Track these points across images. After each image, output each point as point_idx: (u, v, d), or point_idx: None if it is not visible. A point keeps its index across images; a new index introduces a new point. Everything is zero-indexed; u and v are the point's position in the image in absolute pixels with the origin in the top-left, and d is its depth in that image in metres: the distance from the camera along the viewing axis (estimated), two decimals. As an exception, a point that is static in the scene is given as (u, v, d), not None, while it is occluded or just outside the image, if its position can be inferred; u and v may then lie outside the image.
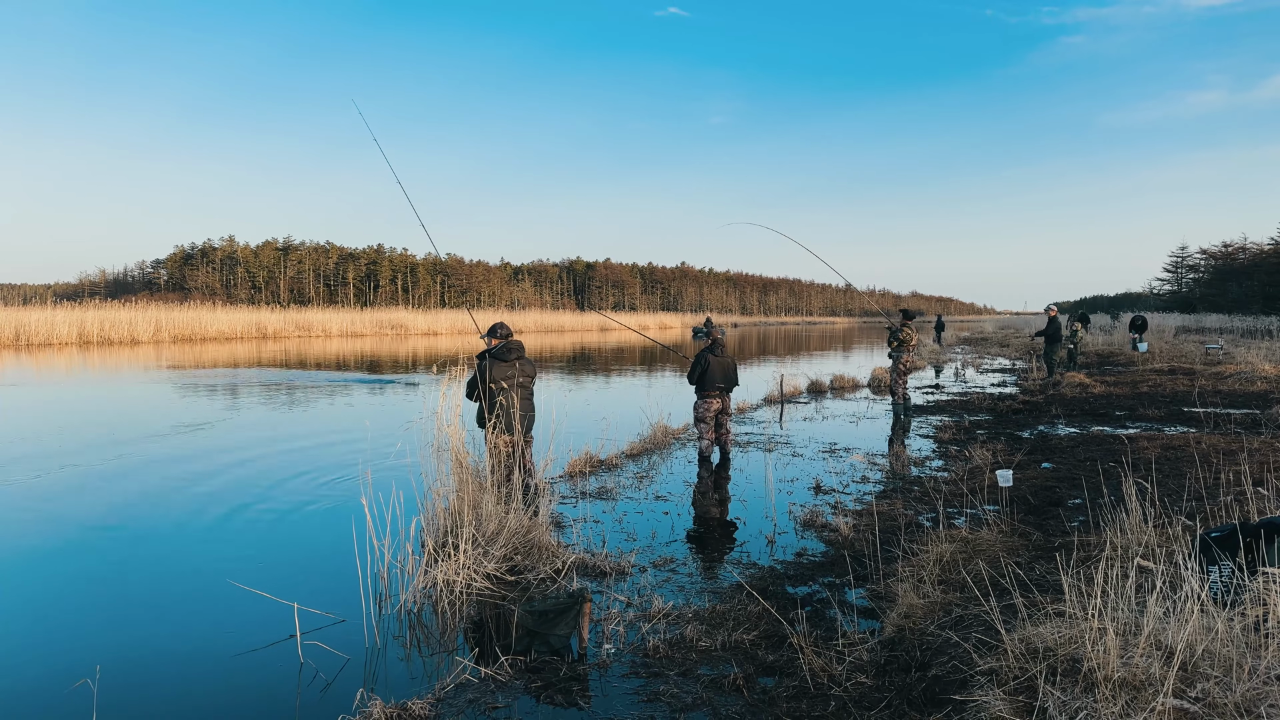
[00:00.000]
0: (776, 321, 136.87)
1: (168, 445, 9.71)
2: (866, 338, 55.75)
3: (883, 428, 11.30)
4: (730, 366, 8.91)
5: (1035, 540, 5.16)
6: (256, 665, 3.83)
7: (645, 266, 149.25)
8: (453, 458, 5.50)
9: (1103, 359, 23.09)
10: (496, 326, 6.54)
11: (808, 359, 29.65)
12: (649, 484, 7.69)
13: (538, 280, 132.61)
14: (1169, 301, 70.44)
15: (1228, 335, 31.85)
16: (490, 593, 4.63)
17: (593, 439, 9.01)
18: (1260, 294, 54.13)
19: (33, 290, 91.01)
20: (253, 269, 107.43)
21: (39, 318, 32.56)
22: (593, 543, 5.63)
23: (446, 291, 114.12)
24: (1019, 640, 3.06)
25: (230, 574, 5.03)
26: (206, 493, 7.28)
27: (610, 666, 3.71)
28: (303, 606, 4.23)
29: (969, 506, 6.35)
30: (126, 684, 3.64)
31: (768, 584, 4.80)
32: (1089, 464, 7.93)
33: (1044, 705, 2.68)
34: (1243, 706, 2.52)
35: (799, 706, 3.28)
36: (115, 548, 5.67)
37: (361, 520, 4.66)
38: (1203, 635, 2.80)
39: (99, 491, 7.32)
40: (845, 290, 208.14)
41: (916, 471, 8.14)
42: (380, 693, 3.43)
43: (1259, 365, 16.88)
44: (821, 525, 6.08)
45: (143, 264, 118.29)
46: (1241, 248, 63.33)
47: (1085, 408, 12.53)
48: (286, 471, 8.22)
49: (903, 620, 3.88)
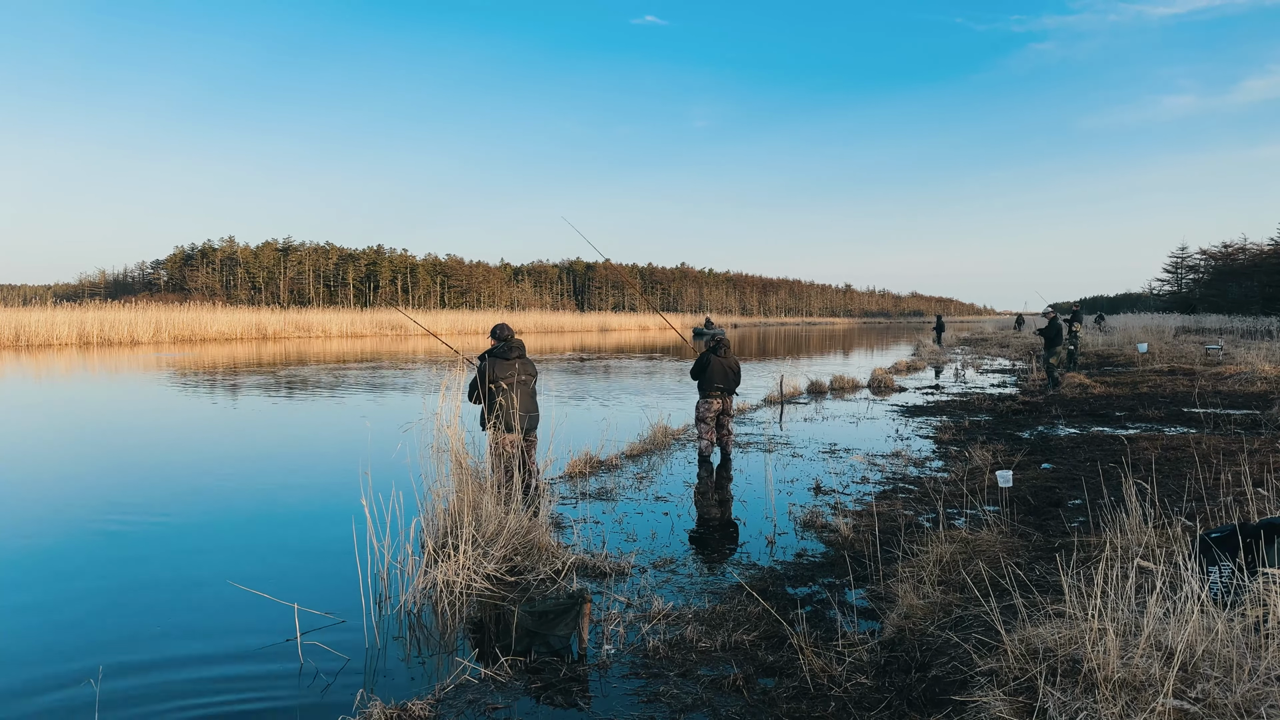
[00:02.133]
0: (776, 322, 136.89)
1: (167, 445, 9.71)
2: (866, 338, 55.73)
3: (883, 428, 11.30)
4: (733, 367, 8.93)
5: (1035, 541, 5.16)
6: (256, 666, 3.82)
7: (645, 267, 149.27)
8: (452, 458, 5.50)
9: (1102, 359, 23.09)
10: (498, 327, 6.56)
11: (807, 359, 29.64)
12: (649, 484, 7.68)
13: (537, 281, 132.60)
14: (1169, 302, 70.40)
15: (1227, 336, 31.85)
16: (490, 593, 4.63)
17: (592, 439, 9.01)
18: (1260, 294, 54.13)
19: (33, 291, 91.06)
20: (253, 270, 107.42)
21: (39, 318, 32.56)
22: (592, 543, 5.63)
23: (446, 292, 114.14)
24: (1019, 641, 3.06)
25: (230, 575, 5.03)
26: (206, 493, 7.28)
27: (610, 667, 3.71)
28: (303, 607, 4.23)
29: (969, 507, 6.35)
30: (128, 684, 3.64)
31: (768, 584, 4.80)
32: (1089, 464, 7.94)
33: (1044, 706, 2.68)
34: (1243, 707, 2.52)
35: (799, 707, 3.28)
36: (115, 548, 5.67)
37: (361, 521, 4.65)
38: (1203, 636, 2.80)
39: (98, 491, 7.31)
40: (845, 291, 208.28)
41: (916, 472, 8.13)
42: (380, 693, 3.43)
43: (1259, 366, 16.87)
44: (821, 526, 6.08)
45: (143, 264, 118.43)
46: (1241, 248, 63.32)
47: (1085, 408, 12.53)
48: (286, 472, 8.22)
49: (903, 621, 3.87)
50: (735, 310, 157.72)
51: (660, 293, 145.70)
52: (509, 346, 6.46)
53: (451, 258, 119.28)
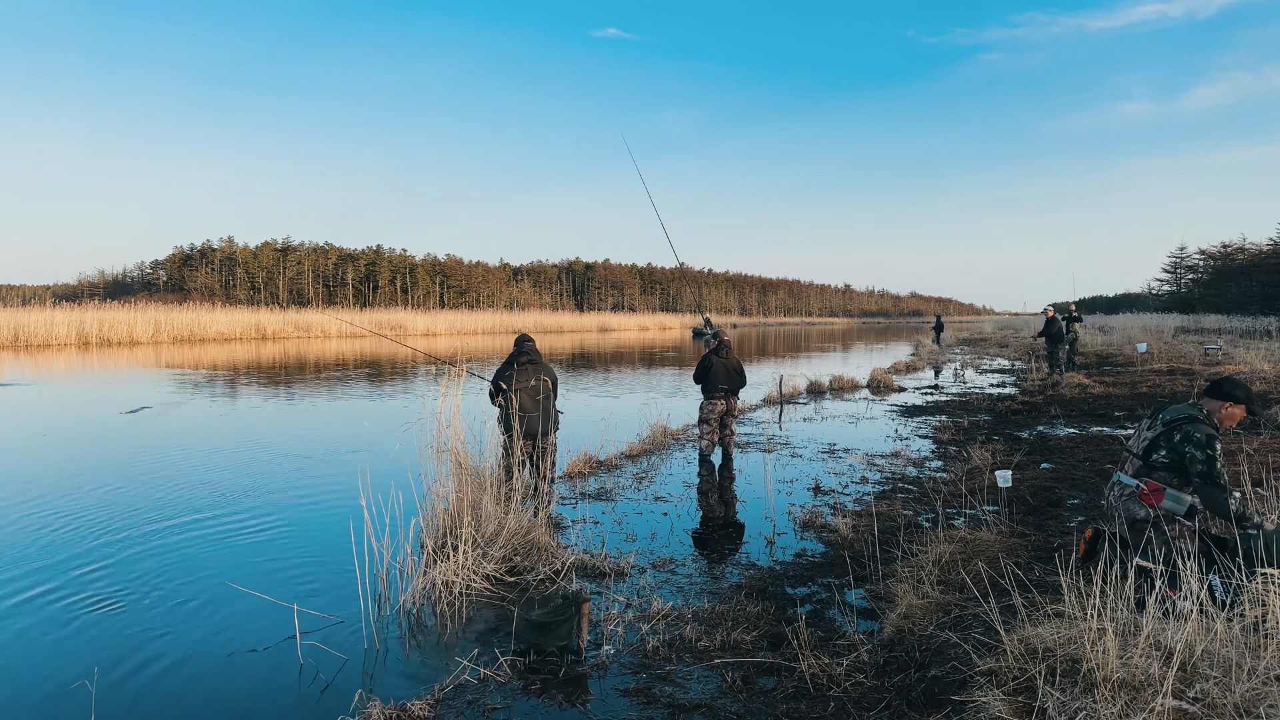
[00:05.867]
0: (776, 322, 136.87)
1: (167, 445, 9.70)
2: (865, 338, 55.74)
3: (882, 428, 11.30)
4: (735, 368, 8.93)
5: (1034, 541, 5.16)
6: (255, 666, 3.82)
7: (644, 267, 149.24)
8: (452, 458, 5.49)
9: (1101, 359, 23.10)
10: (521, 337, 6.92)
11: (807, 359, 29.64)
12: (648, 484, 7.68)
13: (537, 281, 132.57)
14: (1168, 302, 70.39)
15: (1226, 336, 31.86)
16: (489, 594, 4.63)
17: (592, 439, 9.01)
18: (1259, 294, 54.11)
19: (31, 291, 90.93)
20: (252, 270, 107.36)
21: (38, 318, 32.53)
22: (592, 543, 5.63)
23: (446, 292, 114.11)
24: (1018, 641, 3.06)
25: (229, 575, 5.03)
26: (205, 493, 7.27)
27: (609, 667, 3.71)
28: (302, 608, 4.23)
29: (968, 507, 6.34)
30: (124, 686, 3.63)
31: (767, 584, 4.80)
32: (1088, 464, 7.94)
33: (1043, 706, 2.68)
34: (1242, 707, 2.52)
35: (798, 707, 3.28)
36: (113, 548, 5.66)
37: (360, 521, 4.65)
38: (1202, 636, 2.80)
39: (96, 491, 7.31)
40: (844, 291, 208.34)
41: (916, 472, 8.13)
42: (379, 693, 3.43)
43: (1258, 365, 16.88)
44: (821, 526, 6.08)
45: (142, 265, 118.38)
46: (1240, 248, 63.33)
47: (1084, 408, 12.54)
48: (285, 472, 8.21)
49: (902, 621, 3.87)
50: (735, 310, 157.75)
51: (660, 293, 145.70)
52: (522, 352, 6.78)
53: (451, 258, 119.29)
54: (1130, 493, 3.99)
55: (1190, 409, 3.96)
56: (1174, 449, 3.85)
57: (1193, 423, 3.86)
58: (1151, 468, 3.94)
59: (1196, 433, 3.80)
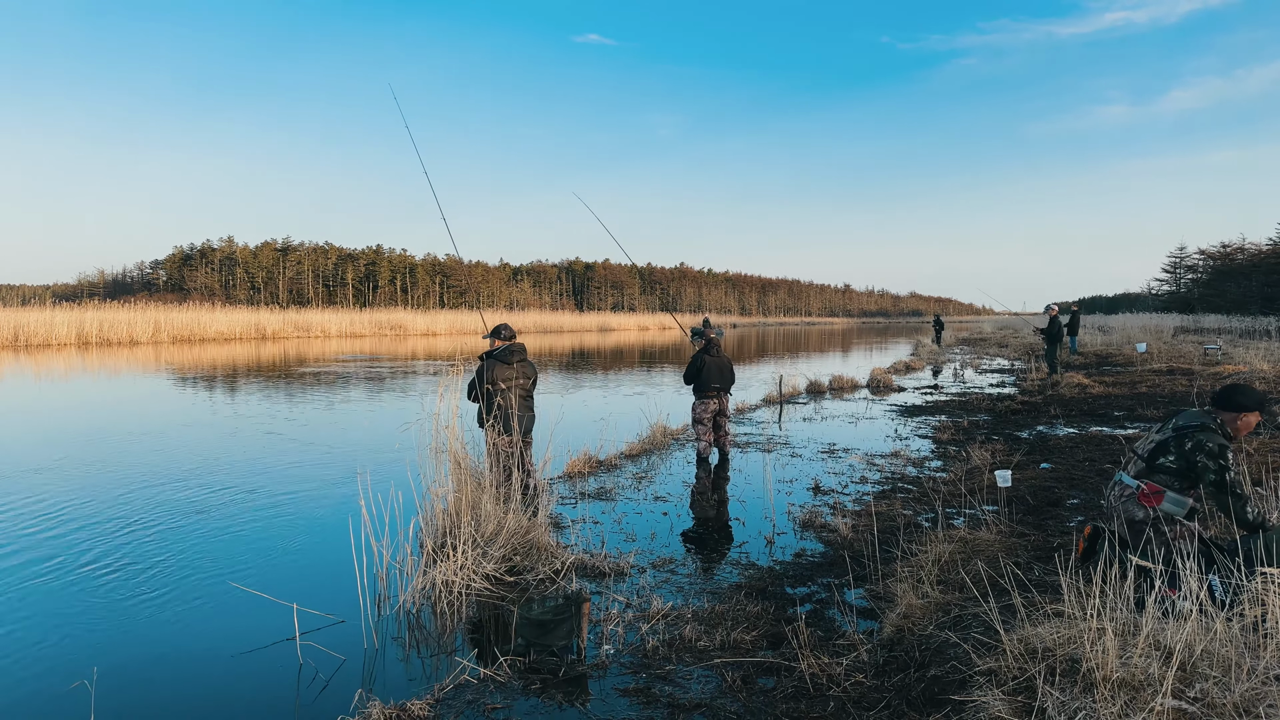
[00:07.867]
0: (775, 322, 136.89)
1: (166, 445, 9.70)
2: (865, 338, 55.74)
3: (882, 428, 11.30)
4: (727, 367, 8.92)
5: (1034, 540, 5.16)
6: (255, 666, 3.82)
7: (644, 267, 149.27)
8: (451, 459, 5.49)
9: (1101, 359, 23.11)
10: (500, 328, 6.57)
11: (806, 359, 29.64)
12: (648, 484, 7.68)
13: (537, 281, 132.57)
14: (1167, 302, 70.36)
15: (1226, 336, 31.87)
16: (489, 593, 4.63)
17: (591, 439, 9.01)
18: (1259, 294, 54.11)
19: (31, 291, 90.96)
20: (252, 270, 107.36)
21: (38, 318, 32.52)
22: (592, 543, 5.63)
23: (445, 292, 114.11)
24: (1018, 640, 3.06)
25: (228, 575, 5.03)
26: (204, 493, 7.27)
27: (609, 667, 3.71)
28: (301, 607, 4.23)
29: (968, 507, 6.35)
30: (124, 685, 3.63)
31: (767, 584, 4.80)
32: (1088, 464, 7.94)
33: (1043, 705, 2.68)
34: (1241, 707, 2.52)
35: (798, 707, 3.28)
36: (113, 547, 5.66)
37: (360, 521, 4.65)
38: (1201, 635, 2.80)
39: (96, 490, 7.31)
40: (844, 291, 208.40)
41: (915, 472, 8.13)
42: (379, 693, 3.43)
43: (1257, 365, 16.89)
44: (820, 526, 6.08)
45: (141, 265, 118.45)
46: (1240, 248, 63.30)
47: (1084, 408, 12.54)
48: (284, 472, 8.21)
49: (901, 620, 3.87)
50: (734, 310, 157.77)
51: (660, 293, 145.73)
52: (510, 350, 6.47)
53: (450, 258, 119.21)
54: (1130, 493, 3.99)
55: (1203, 417, 3.94)
56: (1184, 456, 3.84)
57: (1205, 431, 3.84)
58: (1154, 470, 3.93)
59: (1209, 442, 3.79)
